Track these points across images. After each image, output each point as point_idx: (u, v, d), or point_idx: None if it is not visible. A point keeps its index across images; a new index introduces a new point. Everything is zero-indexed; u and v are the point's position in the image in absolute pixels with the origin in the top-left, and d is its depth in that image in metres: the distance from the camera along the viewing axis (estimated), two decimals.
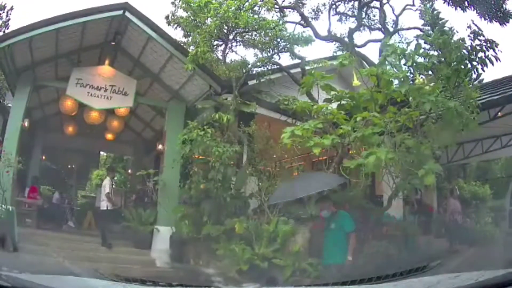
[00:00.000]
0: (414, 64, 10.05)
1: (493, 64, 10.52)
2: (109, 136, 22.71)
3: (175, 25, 20.04)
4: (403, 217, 14.58)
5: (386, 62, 10.16)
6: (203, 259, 12.40)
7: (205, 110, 14.91)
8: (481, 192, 20.79)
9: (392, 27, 20.26)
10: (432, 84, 10.10)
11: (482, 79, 11.49)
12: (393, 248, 10.71)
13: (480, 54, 10.55)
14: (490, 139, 18.34)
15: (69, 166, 27.17)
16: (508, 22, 14.90)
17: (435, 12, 14.61)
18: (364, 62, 18.19)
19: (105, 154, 31.50)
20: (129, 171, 25.98)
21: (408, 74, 10.14)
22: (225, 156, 12.63)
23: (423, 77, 10.52)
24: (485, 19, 14.95)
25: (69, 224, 18.54)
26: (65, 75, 16.17)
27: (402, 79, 9.86)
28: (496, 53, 10.54)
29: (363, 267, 9.49)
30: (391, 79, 10.10)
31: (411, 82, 10.14)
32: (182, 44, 18.25)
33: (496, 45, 10.55)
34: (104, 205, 15.14)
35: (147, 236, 15.09)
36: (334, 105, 11.19)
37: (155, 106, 18.87)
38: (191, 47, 16.97)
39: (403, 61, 10.13)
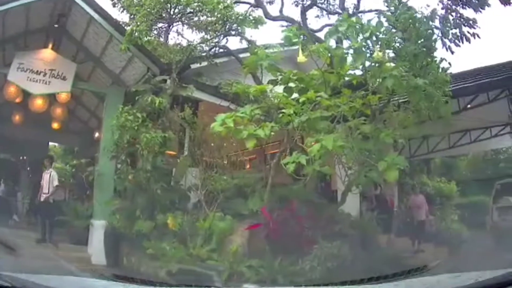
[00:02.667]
0: (374, 37, 8.55)
1: (469, 42, 9.18)
2: (55, 125, 21.53)
3: (121, 8, 19.12)
4: (360, 214, 13.49)
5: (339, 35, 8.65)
6: (135, 257, 11.26)
7: (141, 95, 13.53)
8: (447, 189, 20.07)
9: (353, 11, 18.68)
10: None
11: (448, 67, 9.93)
12: (347, 249, 9.65)
13: (454, 31, 9.16)
14: (458, 133, 17.83)
15: (21, 158, 25.69)
16: (483, 9, 13.63)
17: None
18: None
19: (56, 145, 30.11)
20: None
21: (366, 50, 8.72)
22: (153, 143, 11.61)
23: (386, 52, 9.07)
24: (458, 4, 13.68)
25: (14, 218, 17.73)
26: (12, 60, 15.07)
27: (356, 52, 8.34)
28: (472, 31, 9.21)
29: (311, 271, 8.84)
30: (344, 55, 8.64)
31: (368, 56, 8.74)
32: (125, 27, 16.80)
33: (474, 21, 9.23)
34: (45, 198, 14.48)
35: (83, 231, 14.11)
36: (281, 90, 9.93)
37: (99, 93, 17.74)
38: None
39: (360, 37, 8.65)
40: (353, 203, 12.59)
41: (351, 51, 8.65)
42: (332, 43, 9.24)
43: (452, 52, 9.38)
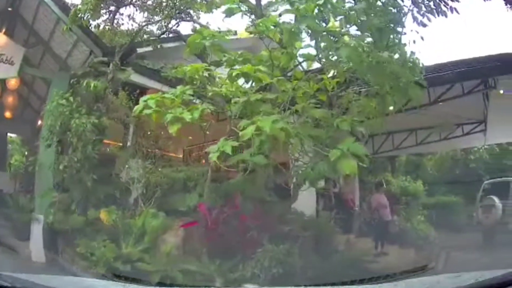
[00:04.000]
0: (329, 6, 7.11)
1: (446, 16, 7.94)
2: (7, 114, 20.80)
3: None
4: (316, 213, 12.70)
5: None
6: (69, 255, 10.33)
7: (81, 79, 12.66)
8: (413, 188, 19.10)
9: None
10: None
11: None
12: (297, 252, 8.71)
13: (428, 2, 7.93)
14: (427, 130, 17.39)
15: None
16: None
17: None
18: None
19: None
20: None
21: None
22: (82, 129, 10.75)
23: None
24: None
25: None
26: None
27: (305, 15, 6.95)
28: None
29: (253, 278, 8.01)
30: (296, 30, 7.24)
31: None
32: None
33: None
34: None
35: (25, 225, 12.97)
36: None
37: (46, 79, 16.90)
38: None
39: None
40: (309, 201, 11.62)
41: (304, 25, 7.27)
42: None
43: (424, 26, 7.97)
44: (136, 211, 10.42)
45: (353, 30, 7.62)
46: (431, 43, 9.16)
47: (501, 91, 13.50)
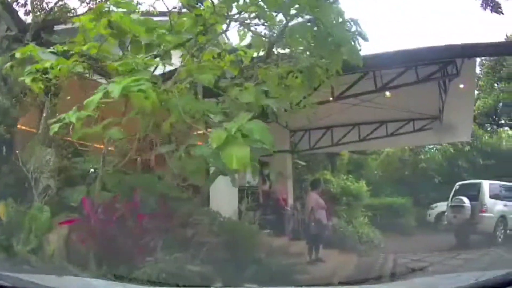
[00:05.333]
0: None
1: None
2: None
3: None
4: (238, 213, 11.26)
5: None
6: None
7: None
8: (355, 188, 18.21)
9: None
10: None
11: None
12: (199, 262, 7.27)
13: None
14: (372, 125, 16.82)
15: None
16: None
17: None
18: None
19: None
20: None
21: None
22: None
23: None
24: None
25: None
26: None
27: None
28: None
29: None
30: None
31: None
32: None
33: None
34: None
35: None
36: None
37: None
38: None
39: None
40: (229, 200, 10.66)
41: None
42: None
43: None
44: (32, 205, 9.17)
45: None
46: None
47: (462, 86, 12.77)
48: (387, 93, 12.87)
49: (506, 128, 28.89)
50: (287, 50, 6.67)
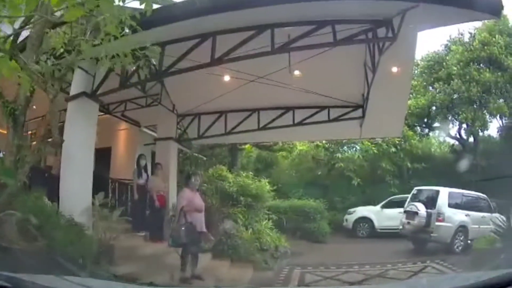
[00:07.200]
0: None
1: None
2: None
3: None
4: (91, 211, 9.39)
5: None
6: None
7: None
8: (256, 187, 15.59)
9: None
10: None
11: None
12: None
13: None
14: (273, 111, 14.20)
15: None
16: None
17: None
18: None
19: None
20: None
21: None
22: None
23: None
24: None
25: None
26: None
27: None
28: None
29: None
30: None
31: None
32: None
33: None
34: None
35: None
36: None
37: None
38: None
39: None
40: (83, 193, 9.08)
41: None
42: None
43: None
44: None
45: None
46: None
47: (395, 69, 10.60)
48: (296, 72, 10.48)
49: (437, 132, 27.48)
50: None
